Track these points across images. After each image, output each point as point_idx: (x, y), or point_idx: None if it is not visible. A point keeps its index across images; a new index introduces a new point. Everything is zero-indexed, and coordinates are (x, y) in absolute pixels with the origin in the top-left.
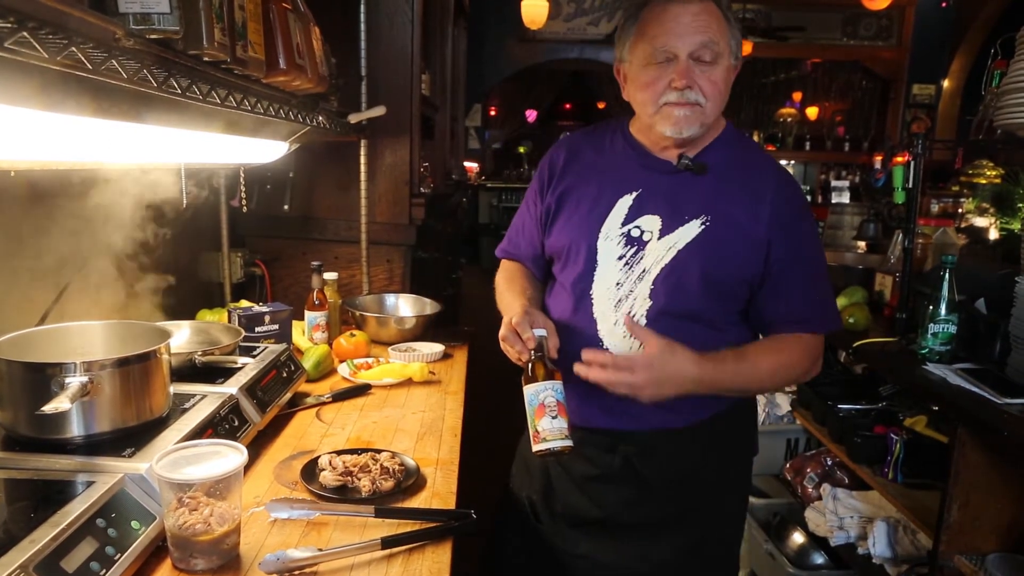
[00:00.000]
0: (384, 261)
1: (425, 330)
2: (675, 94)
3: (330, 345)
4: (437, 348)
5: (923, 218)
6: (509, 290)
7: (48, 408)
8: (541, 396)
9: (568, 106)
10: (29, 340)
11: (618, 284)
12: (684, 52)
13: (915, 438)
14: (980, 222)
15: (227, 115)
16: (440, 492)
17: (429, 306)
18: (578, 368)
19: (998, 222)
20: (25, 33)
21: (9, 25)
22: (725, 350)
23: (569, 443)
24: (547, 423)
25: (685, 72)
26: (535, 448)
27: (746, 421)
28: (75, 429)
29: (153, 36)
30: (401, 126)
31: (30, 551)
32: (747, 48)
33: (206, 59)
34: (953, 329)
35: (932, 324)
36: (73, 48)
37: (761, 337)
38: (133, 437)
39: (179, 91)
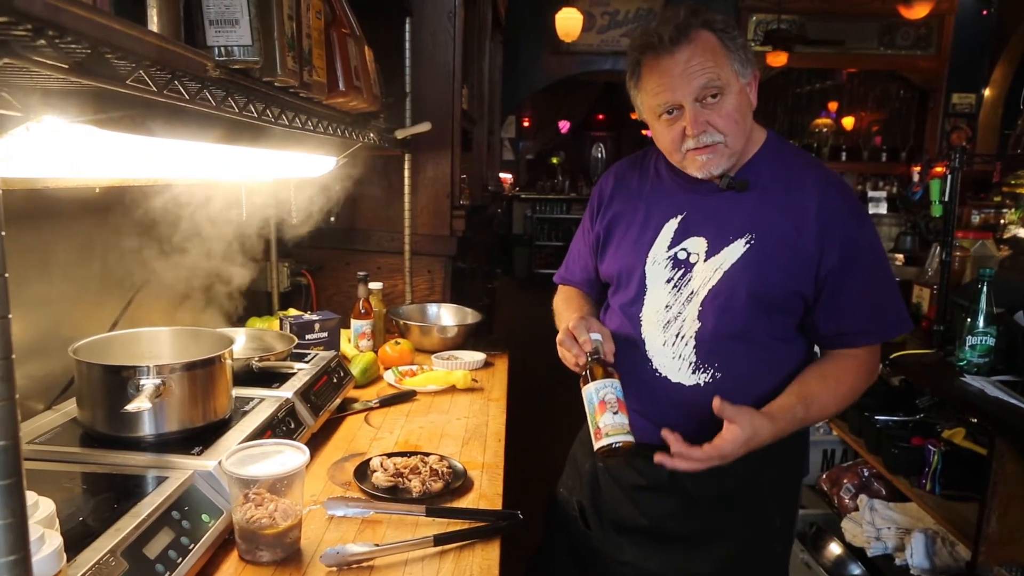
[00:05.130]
0: (425, 271)
1: (465, 339)
2: (692, 141)
3: (375, 353)
4: (479, 356)
5: (962, 230)
6: (567, 309)
7: (131, 407)
8: (601, 393)
9: (601, 117)
10: (105, 344)
11: (667, 307)
12: (688, 100)
13: (953, 450)
14: (1023, 233)
15: (289, 134)
16: (487, 494)
17: (470, 315)
18: (659, 458)
19: None
20: (141, 71)
21: (131, 66)
22: (791, 396)
23: (631, 438)
24: (608, 419)
25: (695, 120)
26: (597, 445)
27: (796, 441)
28: (147, 428)
29: (236, 66)
30: (443, 140)
31: (117, 538)
32: (782, 59)
33: (277, 84)
34: (991, 341)
35: (970, 336)
36: (176, 82)
37: (817, 350)
38: (200, 437)
39: (255, 115)
